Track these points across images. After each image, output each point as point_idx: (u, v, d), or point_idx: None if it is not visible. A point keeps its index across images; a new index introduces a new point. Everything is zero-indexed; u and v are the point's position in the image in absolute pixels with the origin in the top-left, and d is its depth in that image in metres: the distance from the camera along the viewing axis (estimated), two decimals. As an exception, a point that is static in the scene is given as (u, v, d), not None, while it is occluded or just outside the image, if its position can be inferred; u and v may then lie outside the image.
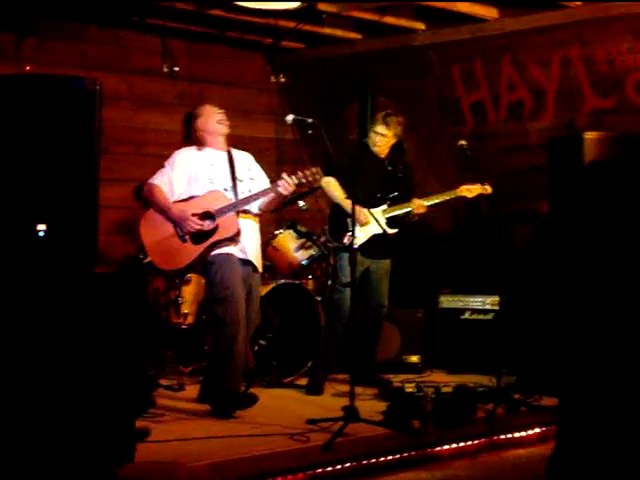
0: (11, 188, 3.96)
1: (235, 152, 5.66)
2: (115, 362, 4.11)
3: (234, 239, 5.41)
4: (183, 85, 7.93)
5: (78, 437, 3.98)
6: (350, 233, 5.62)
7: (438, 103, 7.51)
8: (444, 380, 6.31)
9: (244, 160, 5.69)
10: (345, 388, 5.33)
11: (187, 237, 5.39)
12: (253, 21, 7.25)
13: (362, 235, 6.05)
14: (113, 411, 4.10)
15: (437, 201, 6.15)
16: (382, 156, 6.20)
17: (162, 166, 5.57)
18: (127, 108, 7.59)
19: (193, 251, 5.40)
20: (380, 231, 5.90)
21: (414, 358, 6.89)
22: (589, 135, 5.75)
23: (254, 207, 5.56)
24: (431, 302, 7.09)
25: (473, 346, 6.83)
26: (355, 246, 5.67)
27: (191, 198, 5.47)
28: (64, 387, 3.94)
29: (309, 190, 7.38)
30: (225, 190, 5.47)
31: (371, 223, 5.98)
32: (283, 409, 5.58)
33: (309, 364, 6.43)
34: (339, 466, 4.63)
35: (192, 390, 5.81)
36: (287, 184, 5.32)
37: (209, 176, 5.49)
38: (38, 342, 3.88)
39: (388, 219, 6.12)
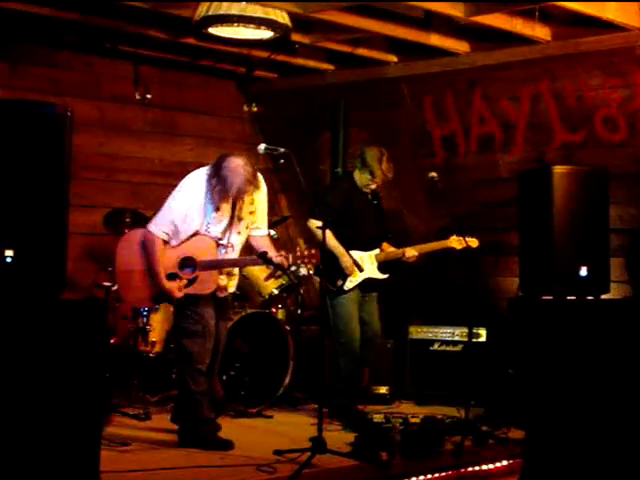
0: (-21, 213, 3.93)
1: None
2: (78, 390, 4.06)
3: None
4: (155, 112, 7.92)
5: (41, 469, 3.92)
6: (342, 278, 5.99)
7: (409, 135, 7.56)
8: (413, 411, 6.31)
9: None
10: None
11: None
12: (226, 50, 7.28)
13: (355, 279, 6.11)
14: (76, 441, 4.05)
15: (427, 250, 6.20)
16: (369, 191, 6.21)
17: (169, 201, 5.28)
18: (98, 134, 7.57)
19: (160, 290, 5.28)
20: (372, 275, 6.12)
21: (383, 389, 6.89)
22: (558, 169, 5.80)
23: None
24: (400, 333, 7.09)
25: (442, 377, 6.83)
26: (347, 289, 6.05)
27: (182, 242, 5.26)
28: (25, 416, 3.89)
29: (280, 219, 7.39)
30: (219, 233, 5.23)
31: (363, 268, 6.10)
32: (251, 439, 5.53)
33: (278, 394, 6.40)
34: (306, 498, 4.60)
35: (158, 419, 5.76)
36: (284, 261, 5.19)
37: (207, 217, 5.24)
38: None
39: (379, 263, 6.18)
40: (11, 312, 3.90)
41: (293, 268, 6.52)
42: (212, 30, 6.11)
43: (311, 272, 6.47)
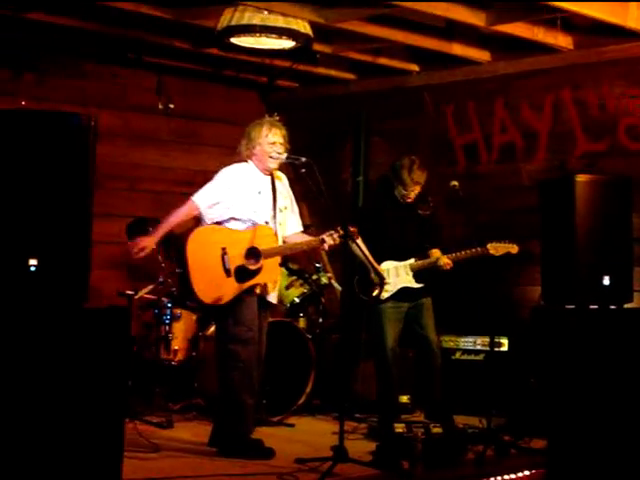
0: (4, 222, 3.97)
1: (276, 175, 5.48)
2: (101, 398, 4.09)
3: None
4: (178, 122, 7.97)
5: (64, 476, 3.95)
6: (377, 287, 5.81)
7: (431, 144, 7.56)
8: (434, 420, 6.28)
9: (283, 185, 5.53)
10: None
11: (232, 272, 5.19)
12: (248, 60, 7.32)
13: (390, 288, 6.07)
14: (99, 448, 4.07)
15: (462, 258, 6.15)
16: (410, 201, 6.18)
17: (211, 182, 5.42)
18: (122, 144, 7.63)
19: (234, 289, 5.21)
20: (407, 284, 6.07)
21: (404, 398, 6.87)
22: (581, 177, 5.78)
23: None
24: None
25: (464, 387, 6.81)
26: (383, 299, 5.93)
27: (230, 220, 5.31)
28: (49, 423, 3.92)
29: (303, 227, 7.40)
30: (266, 223, 5.33)
31: (398, 275, 6.07)
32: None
33: (299, 402, 6.41)
34: (327, 506, 4.60)
35: (181, 427, 5.77)
36: (333, 242, 5.27)
37: (254, 205, 5.32)
38: (25, 376, 3.87)
39: (415, 272, 6.14)
40: (35, 320, 3.93)
41: (314, 277, 6.55)
42: (234, 40, 6.15)
43: (332, 281, 6.48)
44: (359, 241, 5.62)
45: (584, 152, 6.77)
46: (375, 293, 5.96)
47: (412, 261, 6.13)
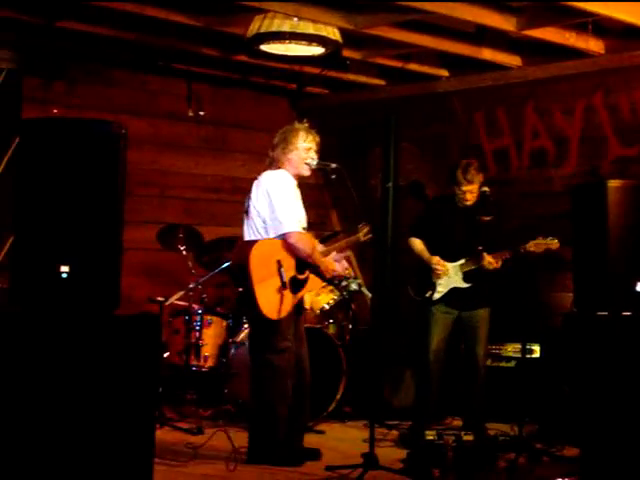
0: (36, 229, 4.00)
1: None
2: (131, 404, 4.10)
3: None
4: (208, 129, 8.00)
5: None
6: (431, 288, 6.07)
7: (460, 149, 7.53)
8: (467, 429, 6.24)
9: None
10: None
11: (287, 284, 5.18)
12: (278, 67, 7.33)
13: (442, 289, 6.11)
14: (130, 455, 4.09)
15: (506, 256, 6.10)
16: (470, 204, 6.16)
17: (286, 201, 5.24)
18: (152, 151, 7.67)
19: (292, 301, 5.22)
20: (457, 285, 6.09)
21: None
22: (613, 183, 5.72)
23: None
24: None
25: (495, 394, 6.76)
26: (434, 299, 6.04)
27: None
28: (80, 429, 3.94)
29: (332, 234, 7.40)
30: (304, 229, 5.34)
31: (450, 276, 6.10)
32: (302, 455, 5.53)
33: (329, 409, 6.40)
34: (358, 514, 4.59)
35: (211, 433, 5.78)
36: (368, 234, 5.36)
37: (301, 214, 5.35)
38: (56, 382, 3.89)
39: (465, 273, 6.14)
40: (66, 327, 3.95)
41: (344, 284, 6.54)
42: (264, 47, 6.16)
43: (362, 287, 6.45)
44: (417, 244, 6.10)
45: (616, 157, 6.71)
46: (428, 294, 6.05)
47: (463, 262, 6.13)
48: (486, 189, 5.99)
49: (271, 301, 5.15)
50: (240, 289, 5.37)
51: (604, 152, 6.77)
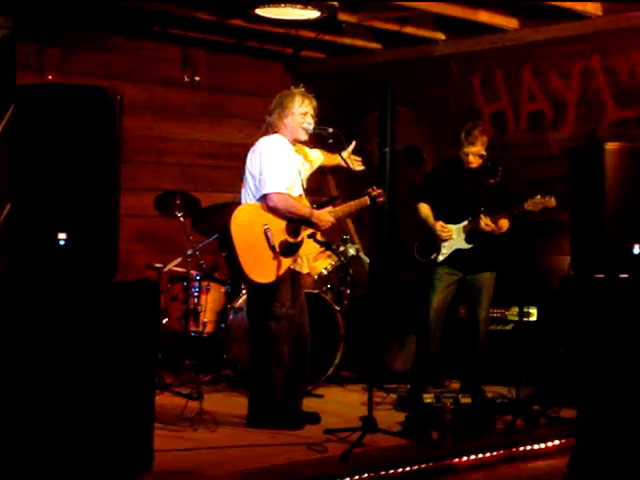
0: (33, 196, 3.99)
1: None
2: (131, 370, 4.12)
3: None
4: (203, 95, 7.96)
5: (96, 447, 4.00)
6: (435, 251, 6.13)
7: (458, 113, 7.50)
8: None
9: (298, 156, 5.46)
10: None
11: (277, 248, 5.18)
12: (273, 31, 7.28)
13: (445, 250, 6.15)
14: (130, 420, 4.12)
15: (502, 217, 6.11)
16: (474, 167, 6.16)
17: (272, 163, 5.17)
18: (148, 117, 7.63)
19: (283, 265, 5.20)
20: (460, 246, 6.12)
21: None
22: (610, 145, 5.71)
23: None
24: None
25: (493, 356, 6.79)
26: (439, 261, 6.10)
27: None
28: (81, 395, 3.97)
29: (329, 199, 7.39)
30: (300, 196, 5.35)
31: (453, 238, 6.13)
32: (301, 419, 5.57)
33: (328, 373, 6.43)
34: (357, 477, 4.61)
35: (210, 399, 5.81)
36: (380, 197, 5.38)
37: (293, 179, 5.30)
38: (55, 349, 3.91)
39: (467, 234, 6.15)
40: (65, 294, 3.96)
41: (341, 249, 6.54)
42: (259, 11, 6.12)
43: (360, 252, 6.48)
44: (421, 208, 6.13)
45: (614, 120, 6.68)
46: (433, 256, 6.12)
47: (465, 223, 6.15)
48: (483, 153, 5.99)
49: (259, 265, 5.14)
50: (223, 253, 5.34)
51: (602, 115, 6.75)
